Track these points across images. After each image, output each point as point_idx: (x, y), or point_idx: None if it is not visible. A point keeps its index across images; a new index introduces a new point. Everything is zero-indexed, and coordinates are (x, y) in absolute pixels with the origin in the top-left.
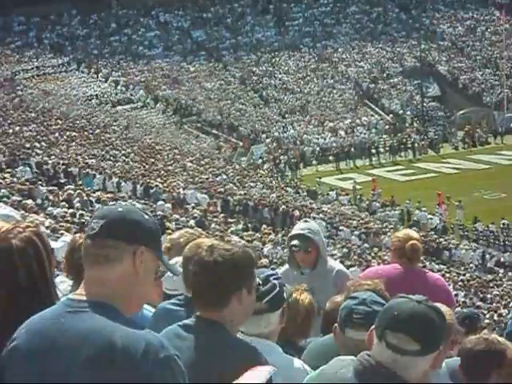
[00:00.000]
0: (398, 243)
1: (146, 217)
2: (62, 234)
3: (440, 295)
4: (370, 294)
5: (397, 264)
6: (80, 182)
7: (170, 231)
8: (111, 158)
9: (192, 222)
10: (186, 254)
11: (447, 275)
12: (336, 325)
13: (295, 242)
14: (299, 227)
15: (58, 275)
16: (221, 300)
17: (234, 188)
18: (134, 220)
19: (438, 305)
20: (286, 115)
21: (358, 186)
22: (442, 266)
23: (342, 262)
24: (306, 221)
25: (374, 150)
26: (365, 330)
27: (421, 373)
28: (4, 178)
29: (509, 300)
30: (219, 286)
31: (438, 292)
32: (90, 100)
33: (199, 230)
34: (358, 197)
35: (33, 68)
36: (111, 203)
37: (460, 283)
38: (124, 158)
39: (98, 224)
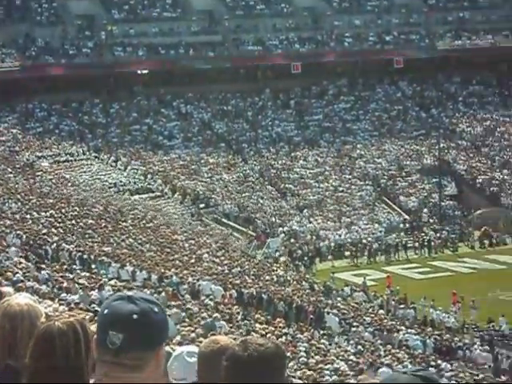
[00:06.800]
0: None
1: (156, 309)
2: None
3: None
4: None
5: None
6: (95, 270)
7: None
8: (127, 246)
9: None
10: (202, 348)
11: (461, 375)
12: None
13: None
14: None
15: None
16: None
17: (249, 281)
18: (153, 323)
19: None
20: (304, 209)
21: (368, 282)
22: (454, 366)
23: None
24: None
25: (390, 248)
26: None
27: None
28: (20, 263)
29: None
30: (254, 382)
31: None
32: (108, 188)
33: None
34: (373, 293)
35: (53, 155)
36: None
37: None
38: (140, 246)
39: (118, 338)
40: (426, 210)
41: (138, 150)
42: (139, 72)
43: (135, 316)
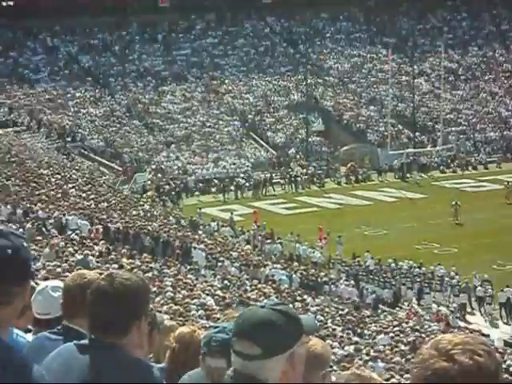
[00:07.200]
0: None
1: (25, 244)
2: None
3: None
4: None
5: None
6: None
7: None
8: None
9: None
10: (68, 282)
11: (326, 309)
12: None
13: None
14: None
15: None
16: (122, 328)
17: (116, 215)
18: (25, 258)
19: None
20: (171, 144)
21: (235, 218)
22: (319, 301)
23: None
24: None
25: (257, 183)
26: (222, 358)
27: (278, 375)
28: None
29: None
30: (121, 315)
31: None
32: None
33: None
34: (240, 228)
35: None
36: None
37: (338, 318)
38: (5, 181)
39: None
40: (293, 147)
41: (3, 84)
42: (4, 4)
43: (9, 251)
